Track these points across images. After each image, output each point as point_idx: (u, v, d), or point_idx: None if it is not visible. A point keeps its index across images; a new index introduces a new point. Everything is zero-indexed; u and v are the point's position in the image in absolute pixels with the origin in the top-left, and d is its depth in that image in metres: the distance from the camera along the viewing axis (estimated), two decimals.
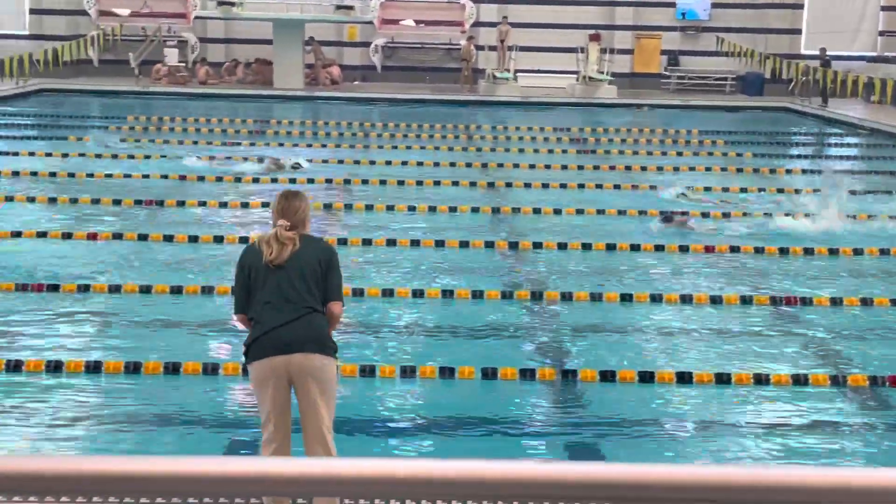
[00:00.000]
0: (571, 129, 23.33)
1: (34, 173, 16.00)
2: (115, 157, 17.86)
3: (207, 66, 31.13)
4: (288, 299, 5.23)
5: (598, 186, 15.98)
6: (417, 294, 9.89)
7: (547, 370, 7.92)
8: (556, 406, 7.51)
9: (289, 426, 5.32)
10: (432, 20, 32.20)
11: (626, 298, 9.93)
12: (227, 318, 9.16)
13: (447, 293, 9.94)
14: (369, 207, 13.94)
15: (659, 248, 12.03)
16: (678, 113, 27.95)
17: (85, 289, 9.69)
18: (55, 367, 7.64)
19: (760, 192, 15.93)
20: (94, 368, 7.67)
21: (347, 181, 16.19)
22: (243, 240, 11.80)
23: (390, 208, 14.03)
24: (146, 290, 9.72)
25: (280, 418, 5.25)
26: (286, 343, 5.17)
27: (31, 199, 13.92)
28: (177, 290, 9.72)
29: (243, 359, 5.52)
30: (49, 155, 17.91)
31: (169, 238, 11.84)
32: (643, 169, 18.26)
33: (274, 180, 15.69)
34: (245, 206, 14.06)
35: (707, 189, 15.90)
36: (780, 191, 15.86)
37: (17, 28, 32.65)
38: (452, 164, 18.10)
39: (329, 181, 16.09)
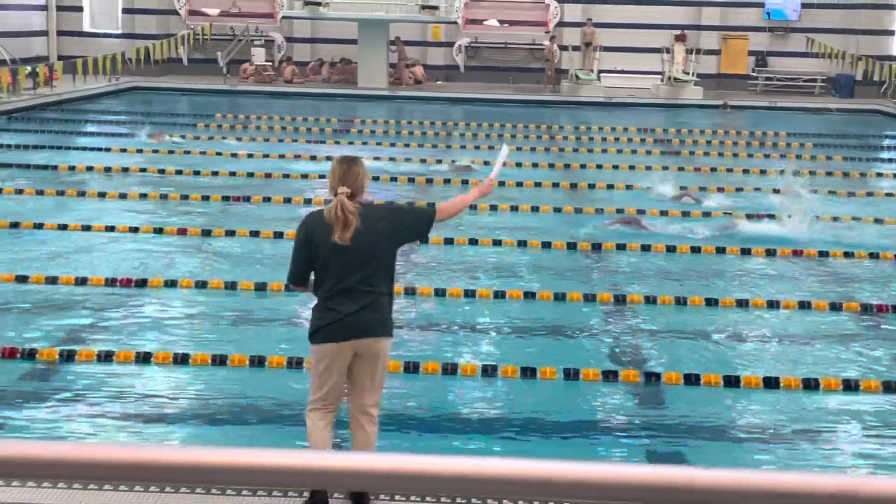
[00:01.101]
0: (655, 131, 23.08)
1: (125, 169, 16.38)
2: (203, 153, 18.20)
3: (293, 65, 31.54)
4: (357, 284, 5.25)
5: (683, 188, 15.79)
6: (499, 295, 9.88)
7: (630, 372, 7.85)
8: (638, 408, 7.43)
9: (338, 401, 5.48)
10: (516, 20, 32.14)
11: (711, 302, 9.80)
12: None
13: (529, 294, 9.91)
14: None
15: (745, 251, 11.85)
16: (766, 114, 27.48)
17: (172, 284, 9.88)
18: (144, 359, 7.81)
19: (850, 195, 15.58)
20: (181, 360, 7.82)
21: (430, 180, 16.25)
22: None
23: (472, 208, 14.00)
24: (231, 286, 9.87)
25: (334, 397, 5.42)
26: (356, 330, 5.27)
27: (123, 196, 14.25)
28: (260, 287, 9.85)
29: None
30: (140, 152, 18.32)
31: (255, 233, 12.02)
32: (729, 171, 18.00)
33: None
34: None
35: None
36: (870, 194, 15.50)
37: (110, 27, 33.47)
38: (535, 165, 18.05)
39: (412, 180, 16.17)
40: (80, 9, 33.35)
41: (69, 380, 7.49)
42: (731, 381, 7.71)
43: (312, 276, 5.41)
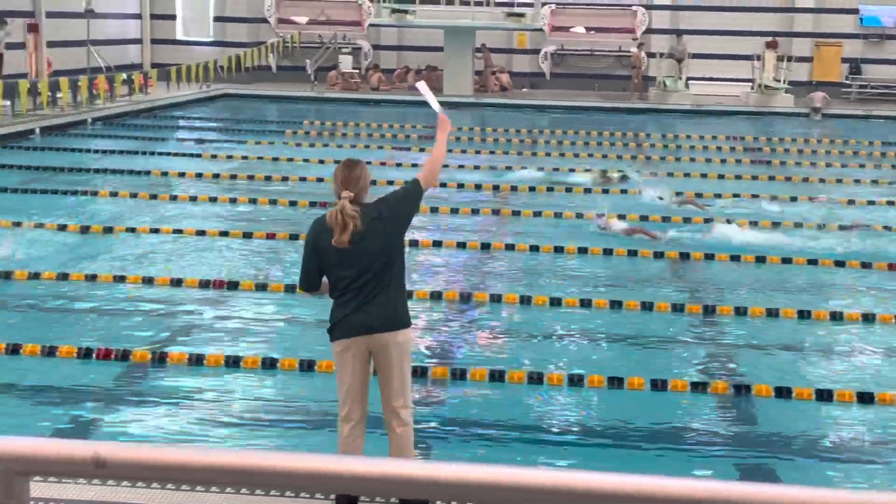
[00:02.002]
0: (745, 139, 22.71)
1: (216, 175, 16.68)
2: (290, 160, 18.45)
3: (380, 72, 31.80)
4: (364, 283, 5.31)
5: (774, 198, 15.51)
6: (585, 303, 9.81)
7: (719, 384, 7.72)
8: (727, 421, 7.30)
9: (365, 406, 5.49)
10: (603, 27, 31.99)
11: (803, 314, 9.59)
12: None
13: (615, 303, 9.82)
14: (537, 214, 13.92)
15: (839, 263, 11.57)
16: (859, 123, 26.83)
17: (263, 287, 10.02)
18: (234, 363, 7.93)
19: None
20: (269, 365, 7.91)
21: (514, 188, 16.22)
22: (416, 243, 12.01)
23: (558, 215, 13.99)
24: None
25: (358, 395, 5.43)
26: (363, 327, 5.33)
27: (213, 199, 14.50)
28: None
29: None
30: (230, 157, 18.64)
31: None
32: (821, 181, 17.62)
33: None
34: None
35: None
36: None
37: (202, 35, 34.15)
38: (638, 172, 17.87)
39: (496, 188, 16.16)
40: (173, 17, 34.10)
41: (160, 382, 7.63)
42: (824, 396, 7.53)
43: (325, 280, 5.50)
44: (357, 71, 32.08)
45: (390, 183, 16.13)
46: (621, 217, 13.39)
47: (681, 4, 32.70)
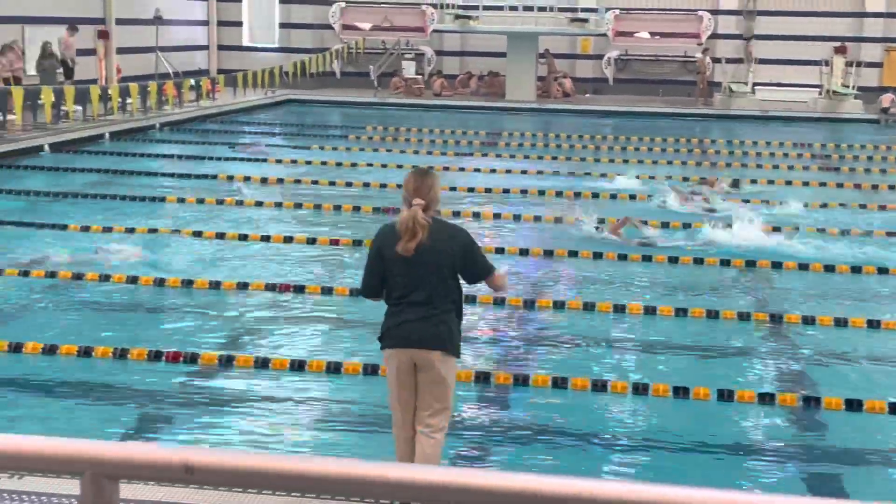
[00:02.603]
0: (813, 146, 22.36)
1: (280, 180, 16.84)
2: (354, 165, 18.56)
3: (443, 78, 31.88)
4: (418, 297, 5.29)
5: (842, 205, 15.25)
6: (649, 310, 9.73)
7: (787, 395, 7.60)
8: (795, 434, 7.19)
9: (412, 421, 5.47)
10: (668, 32, 31.72)
11: (873, 325, 9.41)
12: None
13: (680, 311, 9.72)
14: (601, 221, 13.84)
15: None
16: None
17: (328, 291, 10.10)
18: (298, 366, 7.99)
19: None
20: (333, 369, 7.96)
21: (577, 194, 16.14)
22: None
23: (643, 222, 13.89)
24: None
25: (403, 406, 5.45)
26: (409, 339, 5.32)
27: (279, 205, 14.65)
28: None
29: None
30: (294, 162, 18.82)
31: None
32: (892, 188, 17.29)
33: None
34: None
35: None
36: None
37: (267, 42, 34.55)
38: (686, 179, 17.71)
39: (559, 194, 16.10)
40: (239, 24, 34.54)
41: (227, 385, 7.72)
42: None
43: None
44: (420, 76, 32.19)
45: (453, 189, 16.19)
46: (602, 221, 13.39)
47: (748, 9, 32.29)
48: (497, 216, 14.08)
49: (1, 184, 15.64)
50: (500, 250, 12.07)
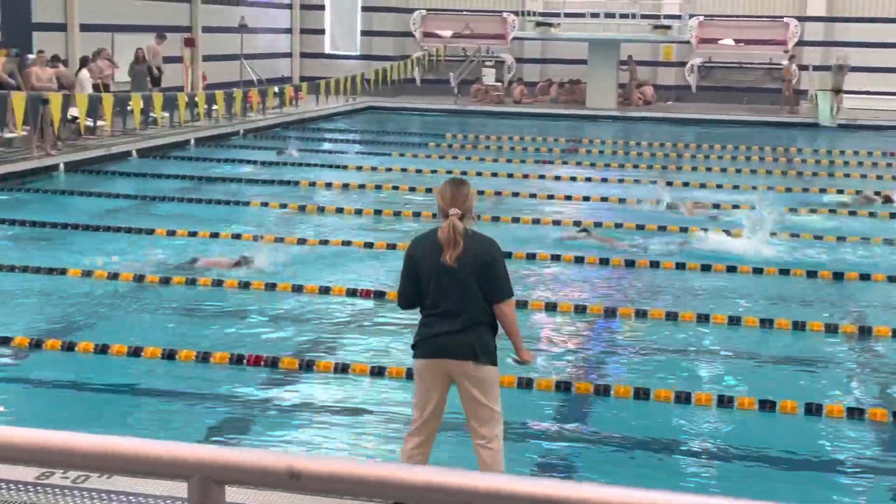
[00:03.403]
0: None
1: (361, 186, 16.97)
2: (433, 172, 18.62)
3: (523, 85, 31.83)
4: (453, 307, 5.27)
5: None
6: (734, 321, 9.56)
7: (878, 410, 7.39)
8: (887, 450, 6.98)
9: (434, 428, 5.46)
10: (753, 39, 31.24)
11: None
12: (539, 332, 9.30)
13: (766, 322, 9.53)
14: (683, 230, 13.66)
15: None
16: None
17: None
18: (378, 372, 8.01)
19: None
20: (411, 376, 7.94)
21: (659, 202, 15.96)
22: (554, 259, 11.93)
23: (704, 230, 13.70)
24: None
25: (428, 416, 5.41)
26: (443, 350, 5.30)
27: (359, 212, 14.74)
28: (521, 304, 9.89)
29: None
30: (374, 169, 18.94)
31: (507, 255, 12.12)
32: None
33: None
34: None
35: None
36: None
37: (349, 49, 34.90)
38: (770, 188, 17.40)
39: (639, 201, 15.94)
40: (322, 31, 34.95)
41: (306, 389, 7.78)
42: None
43: None
44: (500, 84, 32.19)
45: (532, 196, 16.14)
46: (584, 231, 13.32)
47: (835, 16, 31.65)
48: (577, 223, 13.98)
49: (91, 188, 16.03)
50: (579, 259, 11.98)
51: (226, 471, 1.82)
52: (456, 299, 5.28)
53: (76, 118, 18.50)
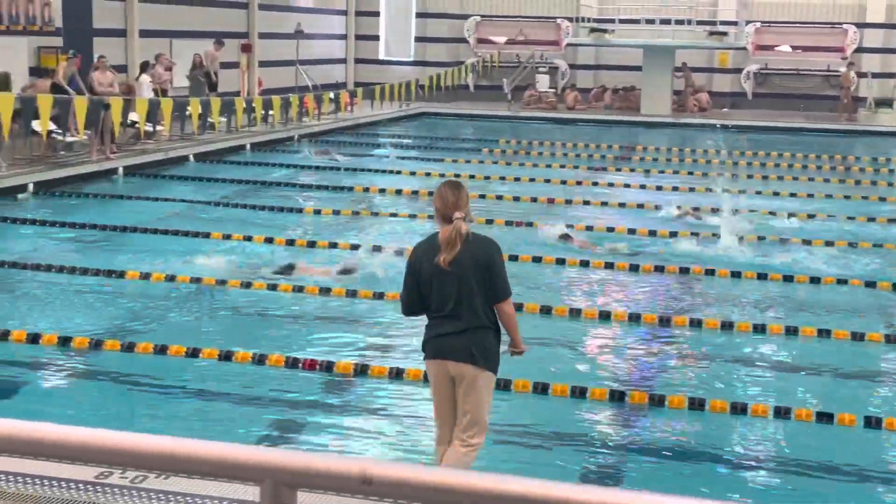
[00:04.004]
0: None
1: (414, 192, 17.02)
2: (487, 178, 18.63)
3: (576, 91, 31.74)
4: (456, 310, 5.31)
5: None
6: (791, 331, 9.45)
7: None
8: None
9: (448, 436, 5.51)
10: (811, 46, 30.86)
11: None
12: (594, 341, 9.27)
13: (823, 332, 9.41)
14: (740, 239, 13.53)
15: None
16: None
17: None
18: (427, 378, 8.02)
19: None
20: None
21: (714, 210, 15.81)
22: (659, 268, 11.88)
23: (761, 239, 13.58)
24: (546, 310, 9.98)
25: (443, 417, 5.51)
26: (443, 351, 5.37)
27: (412, 216, 14.79)
28: (576, 313, 9.92)
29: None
30: (427, 175, 19.00)
31: (537, 259, 12.13)
32: None
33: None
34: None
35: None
36: None
37: (403, 55, 35.05)
38: (829, 196, 17.18)
39: (696, 209, 15.80)
40: (376, 38, 35.15)
41: (360, 394, 7.82)
42: None
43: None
44: (553, 90, 32.13)
45: (586, 203, 16.08)
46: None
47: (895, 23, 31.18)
48: (632, 231, 13.91)
49: (149, 192, 16.26)
50: (634, 267, 11.92)
51: (299, 475, 1.85)
52: (457, 301, 5.32)
53: (135, 122, 18.78)
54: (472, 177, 18.74)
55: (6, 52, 19.47)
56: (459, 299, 5.31)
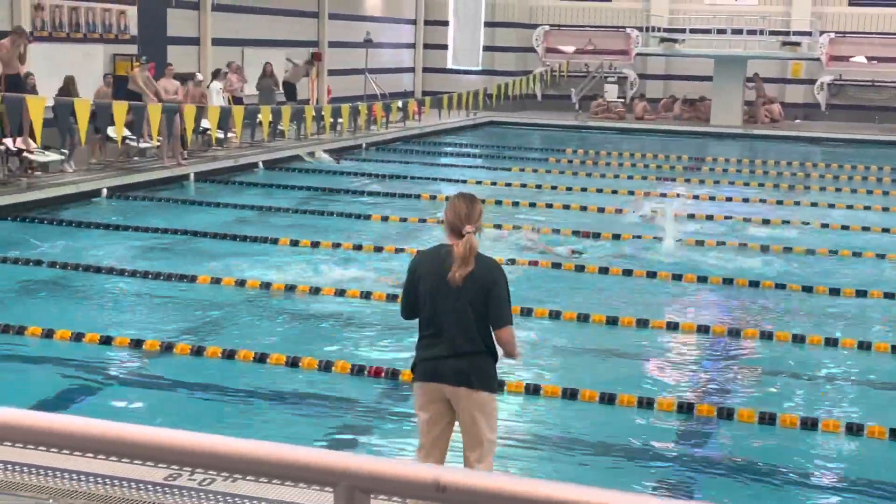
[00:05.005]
0: None
1: (482, 201, 16.99)
2: (553, 187, 18.57)
3: (645, 101, 31.51)
4: (450, 331, 5.00)
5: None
6: (864, 346, 9.26)
7: None
8: None
9: (439, 456, 5.17)
10: (887, 57, 30.27)
11: None
12: (662, 352, 9.18)
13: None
14: (810, 252, 13.31)
15: None
16: None
17: (528, 312, 10.09)
18: (498, 387, 8.00)
19: None
20: (533, 391, 7.94)
21: (786, 222, 15.58)
22: (678, 277, 11.76)
23: (833, 252, 13.34)
24: (584, 318, 9.95)
25: (432, 445, 5.15)
26: (439, 374, 5.04)
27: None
28: (612, 321, 9.86)
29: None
30: (493, 184, 19.00)
31: (604, 270, 12.05)
32: None
33: None
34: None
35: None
36: None
37: (471, 64, 35.13)
38: (886, 210, 16.83)
39: (767, 221, 15.58)
40: (444, 47, 35.27)
41: None
42: None
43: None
44: (622, 100, 31.94)
45: (654, 213, 15.92)
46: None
47: None
48: (700, 243, 13.76)
49: (219, 198, 16.50)
50: (702, 278, 11.78)
51: (374, 480, 1.85)
52: (451, 322, 5.02)
53: (207, 129, 19.07)
54: (538, 186, 18.70)
55: (84, 58, 19.93)
56: (455, 320, 5.01)
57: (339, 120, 23.59)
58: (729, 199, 17.83)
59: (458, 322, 5.01)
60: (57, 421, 2.28)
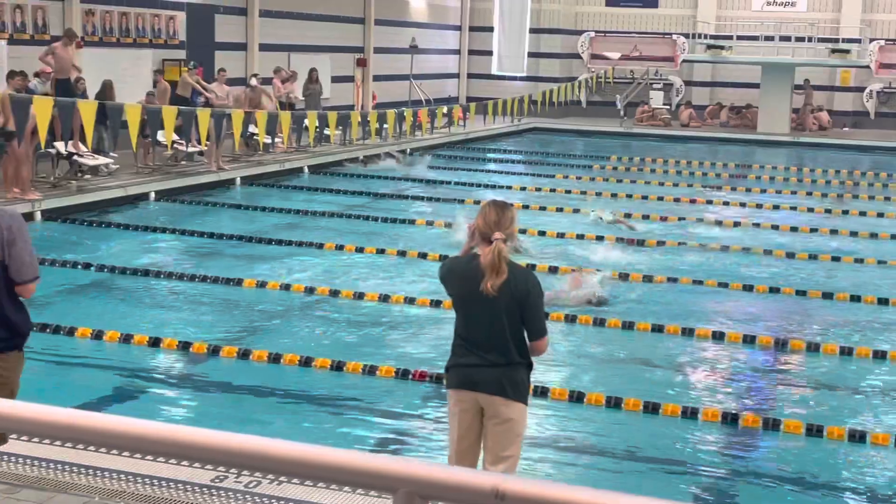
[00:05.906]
0: None
1: (525, 206, 16.99)
2: (598, 194, 18.51)
3: (691, 108, 31.31)
4: (484, 340, 4.94)
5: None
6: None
7: None
8: None
9: (470, 464, 5.09)
10: None
11: None
12: (707, 362, 9.12)
13: None
14: (858, 261, 13.16)
15: None
16: None
17: (572, 319, 10.06)
18: (541, 393, 8.00)
19: None
20: (576, 398, 7.93)
21: (834, 231, 15.41)
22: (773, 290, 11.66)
23: (882, 262, 13.18)
24: (629, 325, 9.91)
25: (462, 452, 5.09)
26: (472, 382, 4.98)
27: (522, 231, 14.76)
28: (658, 329, 9.82)
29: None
30: (538, 190, 18.97)
31: (647, 278, 11.99)
32: None
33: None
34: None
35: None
36: None
37: (516, 70, 35.10)
38: None
39: (814, 230, 15.42)
40: (489, 53, 35.29)
41: None
42: None
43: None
44: (667, 107, 31.76)
45: (699, 220, 15.83)
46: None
47: None
48: (747, 250, 13.66)
49: (265, 202, 16.63)
50: (748, 287, 11.68)
51: (433, 487, 1.86)
52: (486, 331, 4.95)
53: (254, 135, 19.24)
54: (582, 193, 18.65)
55: (134, 63, 20.21)
56: (489, 329, 4.94)
57: (385, 125, 23.68)
58: (776, 207, 17.67)
59: (492, 331, 4.95)
60: (108, 421, 2.32)
